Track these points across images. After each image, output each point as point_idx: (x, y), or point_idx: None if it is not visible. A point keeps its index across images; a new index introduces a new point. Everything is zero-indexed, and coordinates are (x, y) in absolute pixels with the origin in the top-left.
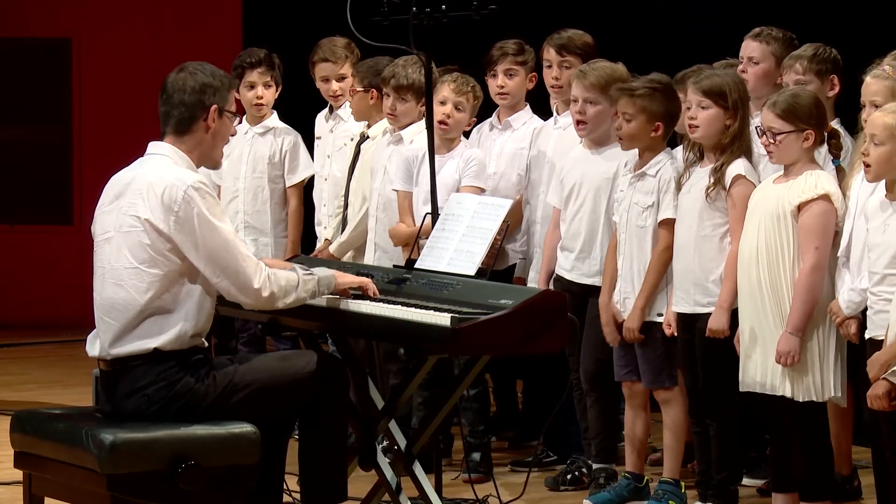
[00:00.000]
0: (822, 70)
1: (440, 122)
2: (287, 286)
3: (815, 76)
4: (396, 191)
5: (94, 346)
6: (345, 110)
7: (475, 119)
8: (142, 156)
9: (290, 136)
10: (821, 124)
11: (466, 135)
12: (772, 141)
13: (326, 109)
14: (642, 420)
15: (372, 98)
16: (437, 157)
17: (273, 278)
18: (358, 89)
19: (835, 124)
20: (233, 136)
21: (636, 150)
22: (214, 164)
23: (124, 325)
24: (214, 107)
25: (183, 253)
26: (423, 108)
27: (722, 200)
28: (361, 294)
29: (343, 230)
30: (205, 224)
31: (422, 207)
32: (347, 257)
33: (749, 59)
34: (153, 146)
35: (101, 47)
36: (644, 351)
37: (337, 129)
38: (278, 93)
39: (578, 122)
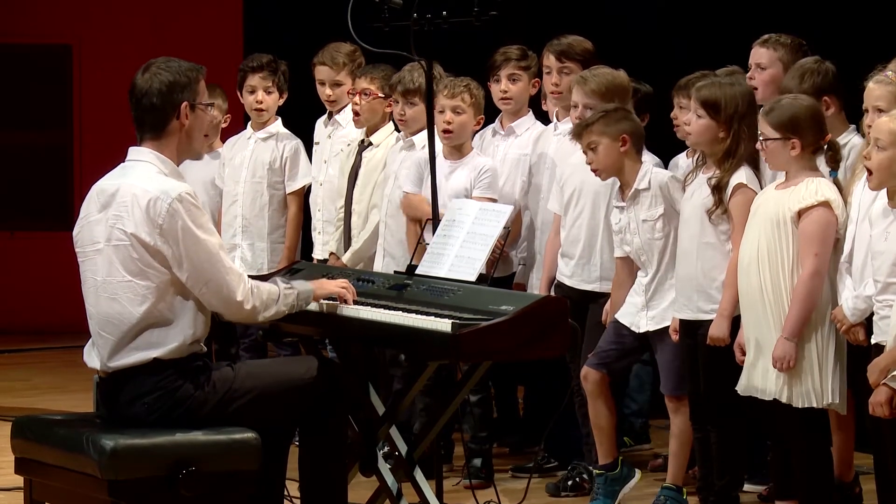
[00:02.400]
0: (813, 93)
1: (443, 132)
2: (268, 300)
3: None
4: (406, 192)
5: (93, 358)
6: (343, 116)
7: (483, 117)
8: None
9: (292, 143)
10: (809, 134)
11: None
12: (763, 147)
13: (326, 115)
14: (606, 407)
15: (388, 106)
16: (447, 163)
17: (256, 291)
18: (380, 95)
19: (848, 133)
20: (213, 124)
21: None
22: (196, 155)
23: (121, 338)
24: (185, 104)
25: (169, 264)
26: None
27: (725, 213)
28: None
29: (346, 239)
30: (189, 237)
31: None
32: (360, 267)
33: (757, 65)
34: (134, 152)
35: (101, 54)
36: (666, 358)
37: (335, 134)
38: (283, 99)
39: None
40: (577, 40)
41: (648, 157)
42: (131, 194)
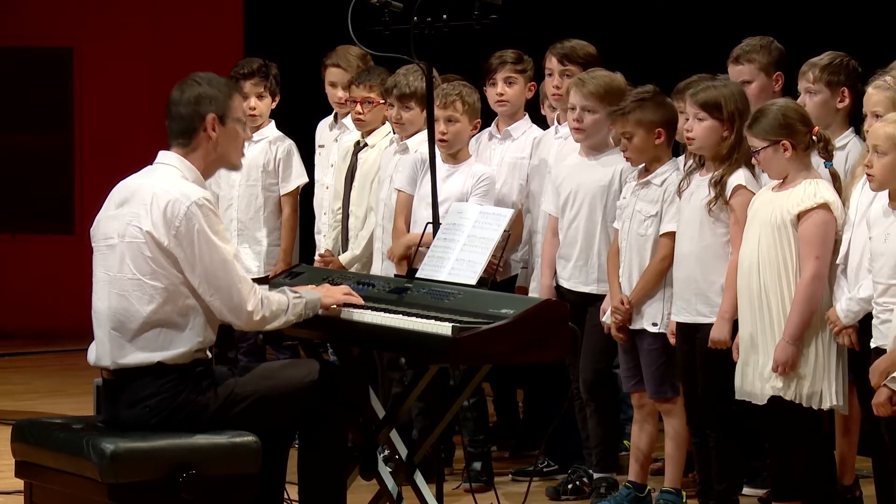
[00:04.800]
0: (832, 81)
1: (439, 141)
2: (277, 310)
3: (825, 86)
4: (398, 190)
5: (95, 354)
6: (350, 120)
7: (479, 120)
8: (150, 163)
9: (285, 145)
10: (794, 132)
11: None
12: (757, 160)
13: (331, 118)
14: (648, 432)
15: (387, 109)
16: (444, 167)
17: (266, 302)
18: (380, 102)
19: (847, 134)
20: (248, 140)
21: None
22: (232, 167)
23: (127, 335)
24: (212, 116)
25: (181, 268)
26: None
27: (724, 211)
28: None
29: (344, 241)
30: (204, 242)
31: (422, 213)
32: (355, 268)
33: (742, 82)
34: (162, 155)
35: (101, 56)
36: (645, 362)
37: (342, 137)
38: (275, 103)
39: (576, 130)
40: (579, 44)
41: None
42: (151, 193)
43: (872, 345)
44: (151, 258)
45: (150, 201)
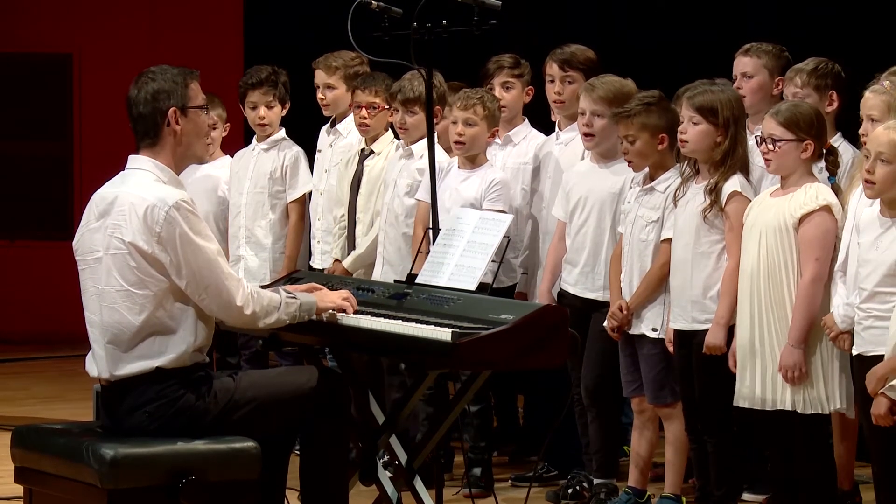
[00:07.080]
0: (820, 85)
1: (455, 143)
2: (269, 306)
3: (814, 90)
4: (418, 200)
5: (94, 368)
6: (344, 125)
7: (497, 128)
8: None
9: (292, 152)
10: (820, 137)
11: None
12: (771, 148)
13: (328, 124)
14: (648, 437)
15: (391, 115)
16: (461, 172)
17: (256, 297)
18: (385, 107)
19: (836, 139)
20: (212, 126)
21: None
22: (199, 159)
23: (122, 347)
24: (172, 109)
25: (167, 272)
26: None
27: (719, 217)
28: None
29: (350, 248)
30: (187, 244)
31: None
32: (358, 274)
33: (742, 74)
34: (133, 160)
35: (101, 63)
36: (645, 367)
37: (336, 144)
38: (286, 110)
39: (586, 135)
40: (580, 49)
41: None
42: (129, 203)
43: (855, 352)
44: (137, 268)
45: (128, 211)
